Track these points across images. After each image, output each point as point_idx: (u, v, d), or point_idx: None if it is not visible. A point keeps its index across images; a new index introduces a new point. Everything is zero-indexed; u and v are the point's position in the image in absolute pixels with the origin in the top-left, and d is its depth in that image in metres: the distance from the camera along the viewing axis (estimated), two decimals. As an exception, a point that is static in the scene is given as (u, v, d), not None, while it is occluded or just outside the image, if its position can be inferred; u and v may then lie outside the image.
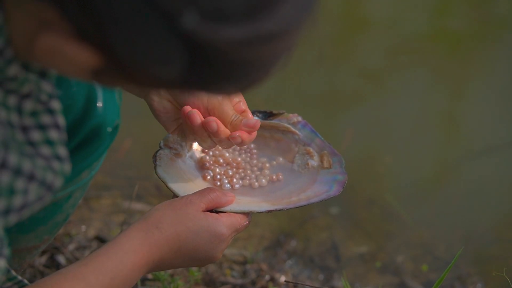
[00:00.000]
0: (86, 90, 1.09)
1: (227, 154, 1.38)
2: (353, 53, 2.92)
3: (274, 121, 1.39)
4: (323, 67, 2.83)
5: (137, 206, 2.28)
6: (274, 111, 1.40)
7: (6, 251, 0.93)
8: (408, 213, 2.42)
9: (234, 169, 1.36)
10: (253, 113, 1.33)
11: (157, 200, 2.32)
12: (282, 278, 2.07)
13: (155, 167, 1.30)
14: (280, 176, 1.37)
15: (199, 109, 1.23)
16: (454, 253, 2.27)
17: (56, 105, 0.92)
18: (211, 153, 1.38)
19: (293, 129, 1.39)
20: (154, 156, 1.32)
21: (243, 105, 1.27)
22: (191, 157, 1.37)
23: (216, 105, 1.24)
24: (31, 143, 0.89)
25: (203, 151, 1.38)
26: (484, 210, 2.46)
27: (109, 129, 1.13)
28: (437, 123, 2.71)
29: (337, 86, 2.81)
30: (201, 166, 1.37)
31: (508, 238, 2.38)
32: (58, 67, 0.82)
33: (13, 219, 0.87)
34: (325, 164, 1.36)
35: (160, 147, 1.34)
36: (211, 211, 1.22)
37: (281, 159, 1.39)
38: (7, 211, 0.86)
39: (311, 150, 1.38)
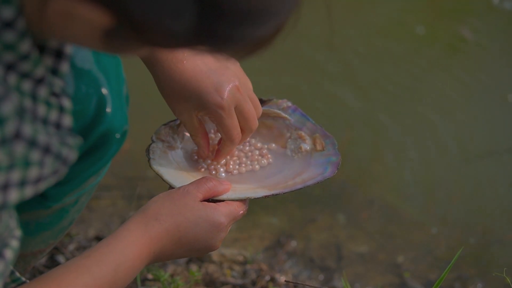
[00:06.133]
0: (97, 95, 1.09)
1: None
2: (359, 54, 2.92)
3: (264, 108, 1.39)
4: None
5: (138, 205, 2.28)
6: (263, 98, 1.40)
7: (18, 232, 0.93)
8: (408, 213, 2.43)
9: (228, 157, 1.36)
10: None
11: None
12: (282, 278, 2.07)
13: (149, 161, 1.30)
14: (270, 160, 1.37)
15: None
16: (454, 253, 2.27)
17: (67, 103, 0.92)
18: None
19: (283, 114, 1.39)
20: (147, 150, 1.32)
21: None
22: (184, 148, 1.37)
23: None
24: (43, 121, 0.89)
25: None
26: (484, 210, 2.47)
27: (118, 135, 1.13)
28: (438, 122, 2.71)
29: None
30: (195, 156, 1.36)
31: (508, 238, 2.39)
32: (71, 31, 0.81)
33: (29, 192, 0.86)
34: (318, 147, 1.36)
35: (152, 140, 1.33)
36: (208, 200, 1.22)
37: (273, 145, 1.39)
38: (22, 183, 0.85)
39: (303, 134, 1.38)
